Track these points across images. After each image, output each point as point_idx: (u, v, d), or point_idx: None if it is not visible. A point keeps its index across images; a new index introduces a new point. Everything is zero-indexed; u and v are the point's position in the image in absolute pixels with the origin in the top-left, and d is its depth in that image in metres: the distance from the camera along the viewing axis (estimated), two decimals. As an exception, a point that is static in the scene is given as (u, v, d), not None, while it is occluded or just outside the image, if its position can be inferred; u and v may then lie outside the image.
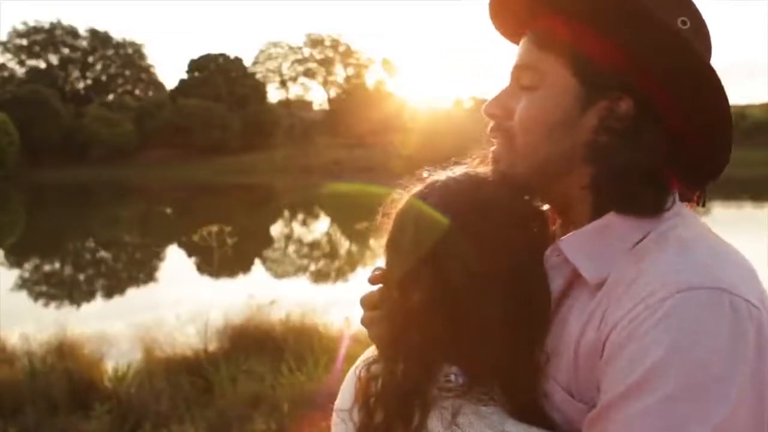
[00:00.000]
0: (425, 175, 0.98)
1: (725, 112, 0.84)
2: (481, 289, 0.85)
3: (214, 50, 76.63)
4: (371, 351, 0.99)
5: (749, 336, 0.74)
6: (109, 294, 12.07)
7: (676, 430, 0.72)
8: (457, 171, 0.96)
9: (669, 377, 0.73)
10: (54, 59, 62.40)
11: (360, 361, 0.97)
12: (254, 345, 5.35)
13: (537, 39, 0.91)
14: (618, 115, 0.86)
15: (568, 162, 0.89)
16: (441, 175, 0.95)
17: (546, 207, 0.98)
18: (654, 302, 0.76)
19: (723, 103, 0.84)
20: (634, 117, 0.85)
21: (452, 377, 0.86)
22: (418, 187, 0.96)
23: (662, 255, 0.81)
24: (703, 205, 0.95)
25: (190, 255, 14.18)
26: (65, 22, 77.28)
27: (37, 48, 61.81)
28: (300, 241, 19.42)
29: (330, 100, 62.94)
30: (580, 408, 0.83)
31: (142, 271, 14.84)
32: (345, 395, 0.97)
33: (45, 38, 62.01)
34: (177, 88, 59.11)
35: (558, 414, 0.86)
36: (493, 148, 0.96)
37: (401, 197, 0.97)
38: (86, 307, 10.47)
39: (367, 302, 1.01)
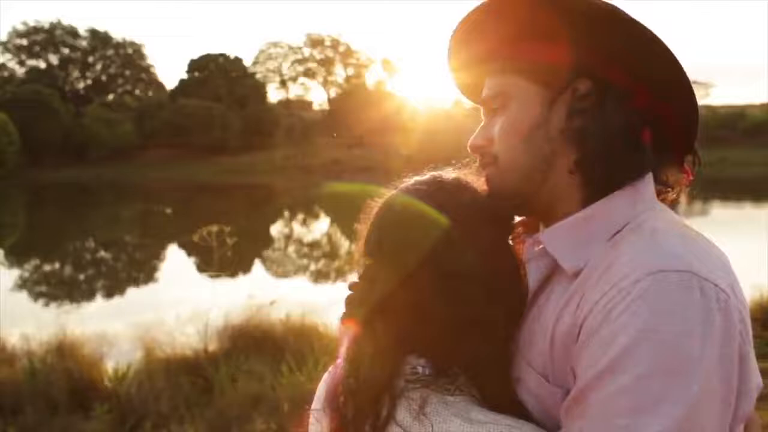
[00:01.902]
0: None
1: (675, 66, 0.89)
2: (449, 288, 0.89)
3: (214, 50, 76.77)
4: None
5: (716, 320, 0.77)
6: (109, 294, 12.08)
7: (648, 409, 0.74)
8: (425, 176, 1.00)
9: (640, 358, 0.76)
10: (54, 59, 62.45)
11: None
12: (254, 345, 5.35)
13: (494, 68, 0.99)
14: (581, 95, 0.91)
15: (550, 156, 0.94)
16: (410, 180, 1.00)
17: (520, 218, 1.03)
18: (626, 285, 0.80)
19: (670, 58, 0.89)
20: (596, 93, 0.91)
21: (419, 368, 0.89)
22: (390, 191, 1.00)
23: (635, 243, 0.85)
24: (700, 164, 0.98)
25: (190, 255, 14.18)
26: (65, 22, 77.44)
27: (37, 48, 61.81)
28: (300, 241, 19.42)
29: (330, 100, 62.93)
30: (554, 391, 0.87)
31: (142, 271, 14.85)
32: (320, 395, 1.00)
33: (45, 38, 62.01)
34: (177, 88, 59.13)
35: (532, 398, 0.90)
36: (484, 174, 1.01)
37: (376, 203, 1.01)
38: (86, 307, 10.46)
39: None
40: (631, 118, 0.90)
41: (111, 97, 62.40)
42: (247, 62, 63.40)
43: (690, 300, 0.77)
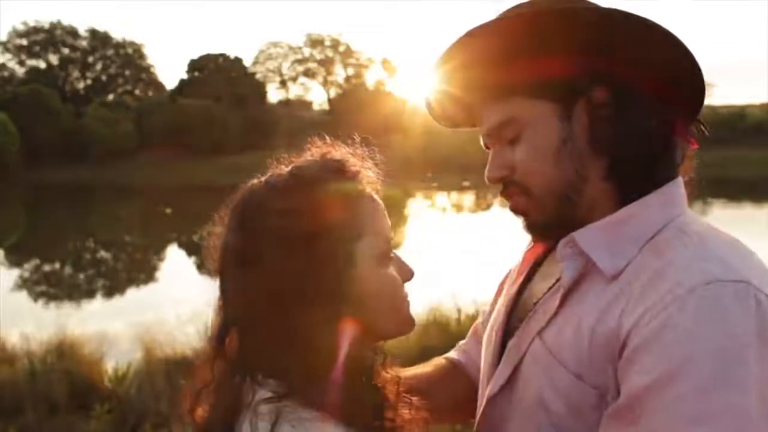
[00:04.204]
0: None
1: (680, 49, 0.87)
2: (277, 305, 0.86)
3: (214, 50, 76.68)
4: None
5: None
6: (109, 294, 12.07)
7: (711, 419, 0.73)
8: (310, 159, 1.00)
9: (699, 367, 0.74)
10: (54, 59, 62.35)
11: None
12: (254, 345, 5.34)
13: (493, 96, 0.95)
14: (598, 103, 0.89)
15: (582, 170, 0.92)
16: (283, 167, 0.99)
17: None
18: (682, 293, 0.78)
19: (674, 43, 0.86)
20: (614, 97, 0.89)
21: (272, 383, 0.85)
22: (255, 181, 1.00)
23: (685, 249, 0.83)
24: (707, 131, 0.98)
25: (190, 255, 14.18)
26: (65, 22, 77.43)
27: (37, 48, 61.73)
28: (300, 241, 19.36)
29: (330, 100, 62.88)
30: (588, 391, 0.85)
31: (142, 271, 14.83)
32: None
33: (45, 38, 61.93)
34: (177, 88, 59.03)
35: (561, 397, 0.88)
36: (510, 204, 0.99)
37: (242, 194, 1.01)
38: (86, 307, 10.45)
39: None
40: (657, 115, 0.89)
41: (111, 97, 62.25)
42: (247, 62, 63.36)
43: (747, 310, 0.76)
